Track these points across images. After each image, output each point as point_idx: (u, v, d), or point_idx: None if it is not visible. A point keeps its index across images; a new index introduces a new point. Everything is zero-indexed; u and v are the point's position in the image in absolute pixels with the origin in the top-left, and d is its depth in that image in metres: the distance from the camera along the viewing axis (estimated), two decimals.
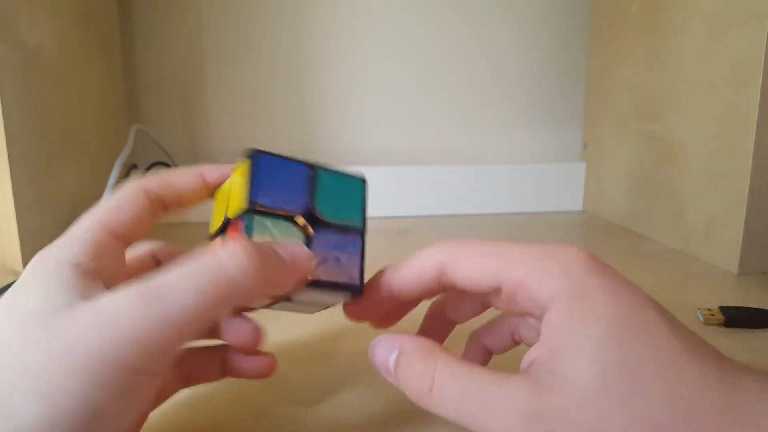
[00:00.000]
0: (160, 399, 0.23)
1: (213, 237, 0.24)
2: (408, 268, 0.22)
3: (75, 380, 0.15)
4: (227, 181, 0.24)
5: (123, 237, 0.21)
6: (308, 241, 0.22)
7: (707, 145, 0.50)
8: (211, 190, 0.24)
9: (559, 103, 0.79)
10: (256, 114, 0.75)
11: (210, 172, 0.24)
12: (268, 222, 0.21)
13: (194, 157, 0.76)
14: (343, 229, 0.23)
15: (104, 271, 0.19)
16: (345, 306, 0.24)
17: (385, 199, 0.71)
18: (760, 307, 0.37)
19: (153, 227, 0.23)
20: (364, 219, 0.24)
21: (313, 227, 0.22)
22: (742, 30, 0.45)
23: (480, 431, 0.18)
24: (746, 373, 0.17)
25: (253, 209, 0.21)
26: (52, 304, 0.17)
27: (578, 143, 0.79)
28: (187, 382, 0.24)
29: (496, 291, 0.20)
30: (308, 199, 0.22)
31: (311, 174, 0.23)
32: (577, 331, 0.17)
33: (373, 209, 0.78)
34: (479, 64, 0.77)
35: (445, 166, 0.73)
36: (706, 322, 0.36)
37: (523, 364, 0.19)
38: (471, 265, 0.20)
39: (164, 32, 0.73)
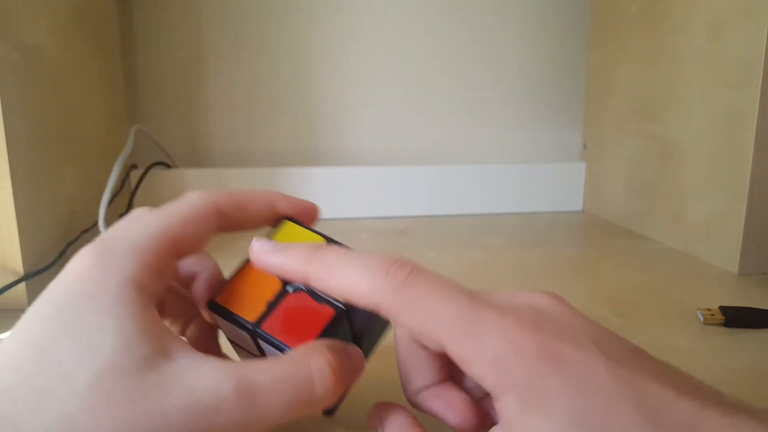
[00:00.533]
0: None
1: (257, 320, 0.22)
2: (337, 286, 0.19)
3: None
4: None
5: (182, 253, 0.20)
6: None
7: (707, 145, 0.50)
8: (276, 221, 0.24)
9: (559, 103, 0.79)
10: (255, 114, 0.75)
11: (280, 203, 0.23)
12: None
13: (194, 157, 0.76)
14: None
15: (158, 292, 0.19)
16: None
17: (385, 199, 0.71)
18: (760, 307, 0.37)
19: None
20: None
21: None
22: (742, 30, 0.45)
23: None
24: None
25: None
26: (134, 361, 0.16)
27: (578, 143, 0.79)
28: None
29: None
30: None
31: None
32: (535, 431, 0.16)
33: (373, 209, 0.78)
34: (479, 64, 0.77)
35: (445, 166, 0.73)
36: (706, 322, 0.36)
37: None
38: (414, 323, 0.18)
39: (164, 32, 0.73)
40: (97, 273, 0.17)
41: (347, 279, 0.19)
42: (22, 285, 0.43)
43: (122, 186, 0.64)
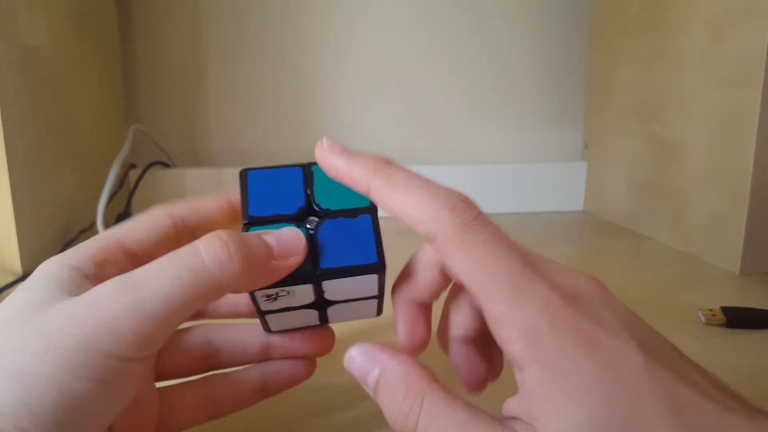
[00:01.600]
0: (179, 424, 0.22)
1: None
2: (398, 205, 0.19)
3: (50, 364, 0.15)
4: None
5: (135, 254, 0.21)
6: (312, 237, 0.21)
7: (708, 144, 0.50)
8: (238, 215, 0.24)
9: (559, 103, 0.78)
10: (255, 114, 0.75)
11: (237, 197, 0.23)
12: (268, 229, 0.20)
13: (193, 156, 0.76)
14: (350, 213, 0.21)
15: (105, 278, 0.19)
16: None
17: None
18: (762, 307, 0.37)
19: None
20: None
21: (317, 219, 0.21)
22: (742, 30, 0.45)
23: None
24: None
25: (250, 222, 0.21)
26: (40, 298, 0.17)
27: (578, 143, 0.79)
28: (215, 411, 0.23)
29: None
30: (306, 195, 0.22)
31: (306, 172, 0.22)
32: (556, 411, 0.16)
33: None
34: (479, 64, 0.76)
35: (445, 166, 0.73)
36: (708, 323, 0.36)
37: (505, 413, 0.17)
38: (461, 267, 0.18)
39: (163, 32, 0.72)
40: (42, 265, 0.19)
41: (410, 200, 0.18)
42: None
43: (121, 186, 0.64)
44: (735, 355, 0.32)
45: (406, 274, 0.23)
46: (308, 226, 0.21)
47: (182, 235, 0.22)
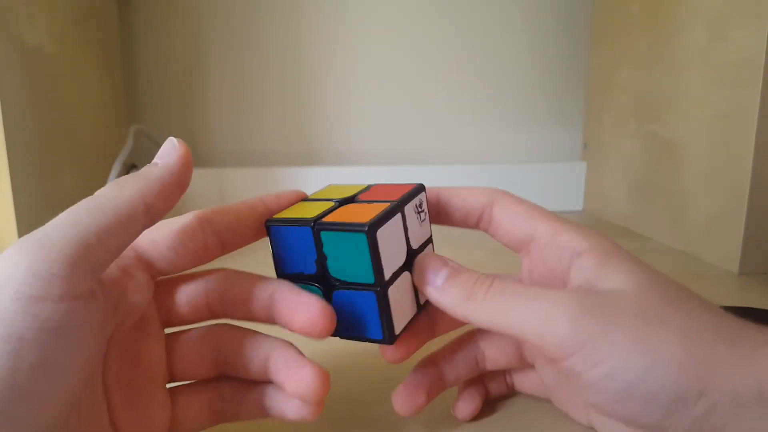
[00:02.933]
0: (187, 427, 0.22)
1: None
2: (461, 191, 0.24)
3: None
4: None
5: (147, 253, 0.20)
6: (329, 300, 0.22)
7: (707, 145, 0.50)
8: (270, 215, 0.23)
9: (559, 103, 0.79)
10: (255, 114, 0.75)
11: (271, 200, 0.23)
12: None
13: (193, 156, 0.75)
14: (356, 286, 0.21)
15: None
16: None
17: None
18: (761, 307, 0.37)
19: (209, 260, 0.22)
20: (376, 273, 0.20)
21: (332, 285, 0.22)
22: (743, 30, 0.45)
23: (516, 332, 0.19)
24: (757, 333, 0.19)
25: (282, 277, 0.22)
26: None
27: (578, 143, 0.79)
28: (221, 417, 0.23)
29: (527, 247, 0.23)
30: (319, 261, 0.21)
31: (315, 235, 0.21)
32: (614, 267, 0.20)
33: None
34: (479, 64, 0.77)
35: (445, 166, 0.73)
36: None
37: (571, 286, 0.21)
38: (517, 209, 0.24)
39: (164, 32, 0.73)
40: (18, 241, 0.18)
41: (467, 189, 0.25)
42: None
43: None
44: None
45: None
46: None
47: (210, 240, 0.21)
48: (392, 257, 0.21)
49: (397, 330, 0.22)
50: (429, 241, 0.24)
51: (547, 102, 0.78)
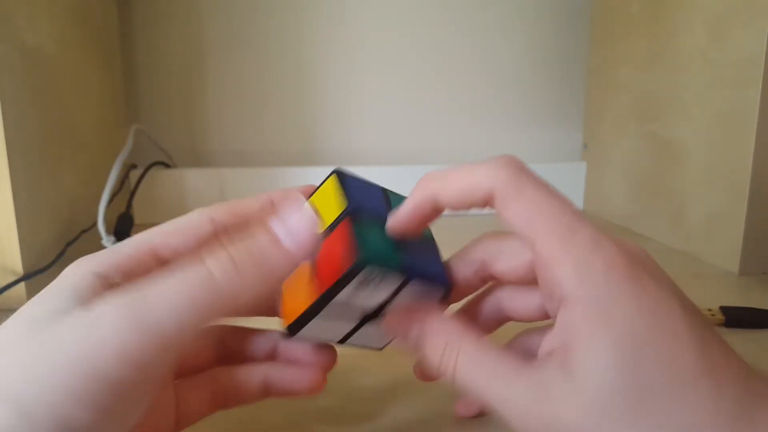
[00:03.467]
0: (189, 419, 0.22)
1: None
2: (458, 187, 0.20)
3: (52, 392, 0.14)
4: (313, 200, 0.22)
5: (163, 255, 0.20)
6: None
7: (707, 145, 0.50)
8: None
9: (559, 103, 0.79)
10: (255, 114, 0.75)
11: (280, 197, 0.22)
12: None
13: (194, 156, 0.76)
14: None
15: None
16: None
17: None
18: (761, 307, 0.37)
19: None
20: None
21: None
22: (742, 30, 0.45)
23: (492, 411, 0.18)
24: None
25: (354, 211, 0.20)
26: (50, 309, 0.16)
27: (578, 143, 0.79)
28: (222, 404, 0.23)
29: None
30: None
31: (385, 194, 0.23)
32: (593, 343, 0.16)
33: None
34: (479, 64, 0.77)
35: (444, 166, 0.73)
36: None
37: (541, 352, 0.19)
38: (517, 213, 0.19)
39: (164, 32, 0.73)
40: (69, 269, 0.19)
41: (465, 177, 0.20)
42: (22, 285, 0.43)
43: (122, 186, 0.64)
44: None
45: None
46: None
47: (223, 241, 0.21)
48: (329, 332, 0.22)
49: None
50: (401, 286, 0.21)
51: (547, 102, 0.78)
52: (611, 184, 0.68)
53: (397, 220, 0.21)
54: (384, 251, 0.20)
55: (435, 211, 0.21)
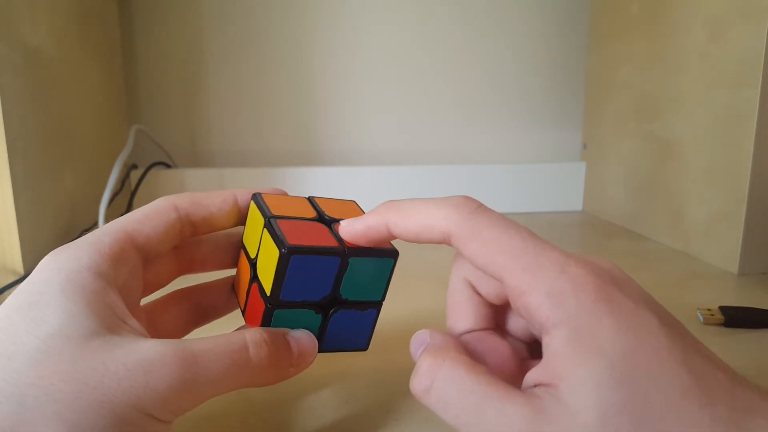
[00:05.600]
0: (159, 284, 0.24)
1: (251, 261, 0.23)
2: (413, 224, 0.20)
3: (100, 417, 0.16)
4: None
5: (144, 249, 0.21)
6: (325, 321, 0.23)
7: (707, 145, 0.50)
8: (242, 215, 0.24)
9: (559, 103, 0.79)
10: (256, 114, 0.75)
11: (243, 195, 0.24)
12: (289, 313, 0.22)
13: (194, 157, 0.76)
14: (362, 305, 0.23)
15: (119, 280, 0.20)
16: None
17: (386, 200, 0.71)
18: (760, 307, 0.37)
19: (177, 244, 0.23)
20: (385, 291, 0.24)
21: (333, 306, 0.23)
22: (742, 30, 0.45)
23: None
24: (757, 408, 0.16)
25: (276, 305, 0.21)
26: (79, 331, 0.17)
27: (578, 143, 0.79)
28: (197, 323, 0.25)
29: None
30: (334, 286, 0.22)
31: (343, 263, 0.22)
32: (579, 366, 0.16)
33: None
34: (479, 64, 0.77)
35: (444, 166, 0.73)
36: (706, 322, 0.36)
37: (527, 382, 0.18)
38: (479, 252, 0.19)
39: (164, 32, 0.73)
40: (54, 263, 0.19)
41: (421, 216, 0.20)
42: None
43: (122, 186, 0.64)
44: (733, 354, 0.32)
45: (451, 318, 0.23)
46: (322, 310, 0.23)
47: (186, 229, 0.23)
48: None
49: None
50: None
51: (547, 102, 0.79)
52: (611, 184, 0.68)
53: (346, 232, 0.22)
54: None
55: (386, 238, 0.22)
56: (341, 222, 0.22)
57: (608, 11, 0.67)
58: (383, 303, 0.24)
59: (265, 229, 0.22)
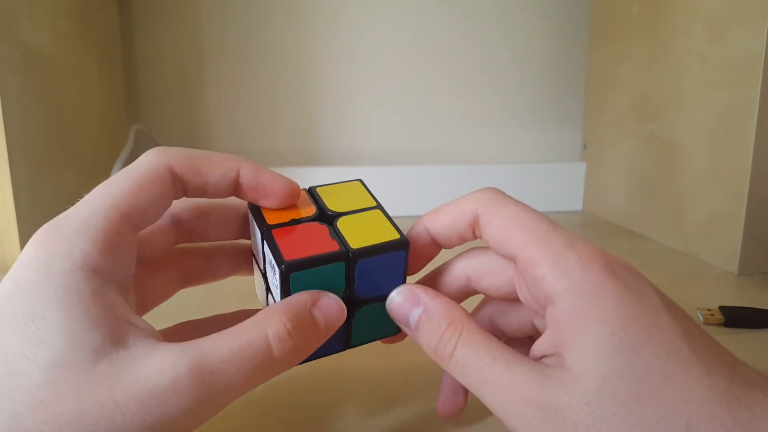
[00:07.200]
0: (156, 300, 0.23)
1: (262, 272, 0.22)
2: (446, 214, 0.22)
3: None
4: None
5: (139, 226, 0.19)
6: (349, 319, 0.22)
7: (707, 145, 0.50)
8: (242, 191, 0.21)
9: (559, 103, 0.79)
10: (256, 114, 0.75)
11: (247, 172, 0.21)
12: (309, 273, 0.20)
13: None
14: (384, 298, 0.22)
15: (116, 271, 0.18)
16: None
17: (386, 199, 0.71)
18: (760, 307, 0.37)
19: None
20: (403, 283, 0.22)
21: (354, 305, 0.22)
22: (742, 30, 0.45)
23: (487, 404, 0.18)
24: (757, 385, 0.16)
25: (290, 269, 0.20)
26: (82, 354, 0.15)
27: (578, 143, 0.79)
28: (184, 286, 0.24)
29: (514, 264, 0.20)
30: (347, 288, 0.21)
31: (350, 265, 0.21)
32: (580, 333, 0.17)
33: None
34: (479, 64, 0.77)
35: (445, 166, 0.73)
36: (706, 322, 0.36)
37: (533, 352, 0.19)
38: (499, 227, 0.20)
39: (164, 32, 0.73)
40: (44, 258, 0.16)
41: (452, 206, 0.22)
42: None
43: None
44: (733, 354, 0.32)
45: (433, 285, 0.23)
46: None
47: (178, 194, 0.20)
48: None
49: None
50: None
51: (547, 102, 0.79)
52: (611, 184, 0.68)
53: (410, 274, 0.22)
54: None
55: (429, 243, 0.22)
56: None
57: (608, 11, 0.67)
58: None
59: (264, 242, 0.21)
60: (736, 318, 0.36)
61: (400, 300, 0.21)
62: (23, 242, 0.44)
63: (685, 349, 0.16)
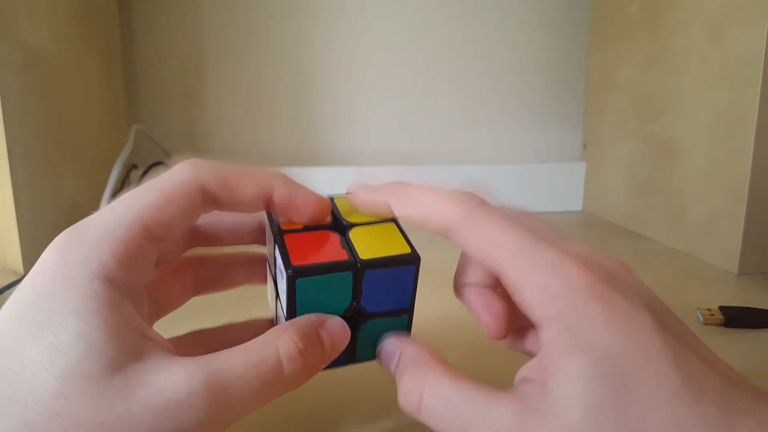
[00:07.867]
0: (170, 307, 0.23)
1: (272, 276, 0.23)
2: (415, 212, 0.21)
3: None
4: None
5: (160, 239, 0.18)
6: (355, 332, 0.22)
7: (707, 145, 0.50)
8: (271, 208, 0.21)
9: (558, 103, 0.79)
10: (256, 114, 0.75)
11: (281, 192, 0.21)
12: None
13: (194, 157, 0.76)
14: (391, 312, 0.22)
15: (133, 283, 0.18)
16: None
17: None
18: (760, 307, 0.37)
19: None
20: (412, 298, 0.23)
21: (359, 318, 0.22)
22: (742, 30, 0.45)
23: None
24: (751, 411, 0.16)
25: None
26: (98, 365, 0.15)
27: (578, 143, 0.79)
28: (198, 293, 0.24)
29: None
30: (353, 299, 0.21)
31: (357, 276, 0.21)
32: (566, 362, 0.16)
33: None
34: (479, 64, 0.77)
35: (444, 166, 0.73)
36: (706, 322, 0.36)
37: (517, 378, 0.18)
38: (476, 248, 0.19)
39: (164, 32, 0.73)
40: (62, 266, 0.16)
41: (423, 206, 0.20)
42: None
43: (122, 186, 0.64)
44: (733, 354, 0.32)
45: (461, 268, 0.23)
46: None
47: (208, 209, 0.20)
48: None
49: None
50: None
51: (547, 102, 0.79)
52: (611, 184, 0.68)
53: (352, 201, 0.22)
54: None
55: (387, 216, 0.22)
56: (348, 188, 0.22)
57: (608, 11, 0.67)
58: (413, 309, 0.23)
59: (276, 247, 0.21)
60: (736, 318, 0.36)
61: (383, 350, 0.21)
62: (23, 242, 0.44)
63: (675, 377, 0.16)
